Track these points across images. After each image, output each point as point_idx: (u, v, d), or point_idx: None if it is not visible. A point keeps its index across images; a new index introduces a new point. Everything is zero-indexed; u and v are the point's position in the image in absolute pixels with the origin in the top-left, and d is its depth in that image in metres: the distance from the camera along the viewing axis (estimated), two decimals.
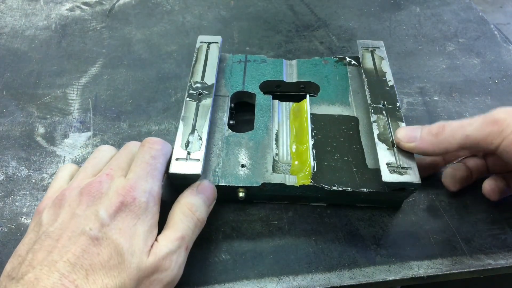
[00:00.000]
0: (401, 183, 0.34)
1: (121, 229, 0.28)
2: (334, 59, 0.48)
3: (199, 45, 0.47)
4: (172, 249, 0.30)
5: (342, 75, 0.46)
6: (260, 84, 0.45)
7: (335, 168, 0.37)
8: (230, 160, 0.38)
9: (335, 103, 0.43)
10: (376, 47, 0.47)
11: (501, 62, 0.54)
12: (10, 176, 0.41)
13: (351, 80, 0.45)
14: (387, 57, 0.46)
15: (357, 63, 0.47)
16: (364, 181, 0.36)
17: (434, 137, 0.34)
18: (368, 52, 0.46)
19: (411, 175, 0.34)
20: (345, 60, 0.48)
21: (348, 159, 0.38)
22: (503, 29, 1.52)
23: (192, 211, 0.32)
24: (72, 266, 0.26)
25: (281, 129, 0.42)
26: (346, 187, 0.35)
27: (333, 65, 0.47)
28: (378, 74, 0.44)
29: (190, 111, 0.39)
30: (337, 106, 0.43)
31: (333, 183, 0.36)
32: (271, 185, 0.36)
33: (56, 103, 0.48)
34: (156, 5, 0.63)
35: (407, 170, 0.34)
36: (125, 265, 0.27)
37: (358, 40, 0.48)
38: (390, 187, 0.35)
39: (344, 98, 0.44)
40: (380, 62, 0.45)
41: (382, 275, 0.34)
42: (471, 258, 0.35)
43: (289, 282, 0.33)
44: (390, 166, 0.35)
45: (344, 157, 0.38)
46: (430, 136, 0.35)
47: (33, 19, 0.60)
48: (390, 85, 0.42)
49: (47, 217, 0.30)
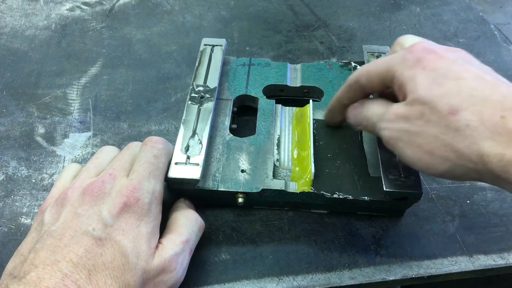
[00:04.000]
0: (402, 193, 0.34)
1: (124, 230, 0.28)
2: (339, 63, 0.47)
3: (203, 47, 0.46)
4: (177, 252, 0.30)
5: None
6: (263, 88, 0.44)
7: (336, 175, 0.37)
8: (230, 165, 0.37)
9: None
10: (382, 52, 0.46)
11: (501, 62, 0.54)
12: (10, 176, 0.41)
13: None
14: None
15: None
16: (366, 189, 0.36)
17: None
18: (374, 57, 0.45)
19: (414, 185, 0.34)
20: (350, 65, 0.47)
21: (350, 166, 0.37)
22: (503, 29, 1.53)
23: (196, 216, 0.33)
24: (74, 266, 0.26)
25: (283, 134, 0.41)
26: (347, 195, 0.35)
27: (338, 69, 0.47)
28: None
29: (191, 114, 0.39)
30: None
31: (334, 190, 0.35)
32: (270, 191, 0.36)
33: (56, 103, 0.48)
34: (156, 5, 0.63)
35: (409, 179, 0.34)
36: (129, 266, 0.27)
37: (363, 45, 0.47)
38: (392, 196, 0.34)
39: None
40: None
41: (382, 275, 0.34)
42: (471, 258, 0.35)
43: (289, 282, 0.33)
44: (392, 175, 0.34)
45: (346, 164, 0.37)
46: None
47: (33, 19, 0.60)
48: None
49: (49, 216, 0.30)
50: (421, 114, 0.27)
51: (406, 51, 0.30)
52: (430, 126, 0.27)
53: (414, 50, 0.29)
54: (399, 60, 0.30)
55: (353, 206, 0.37)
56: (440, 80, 0.27)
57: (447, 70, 0.27)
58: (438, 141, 0.26)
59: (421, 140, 0.27)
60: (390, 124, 0.29)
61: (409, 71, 0.29)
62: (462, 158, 0.25)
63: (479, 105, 0.25)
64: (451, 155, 0.26)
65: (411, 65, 0.29)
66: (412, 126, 0.28)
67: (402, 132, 0.28)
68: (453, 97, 0.26)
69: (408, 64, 0.29)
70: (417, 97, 0.27)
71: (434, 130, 0.26)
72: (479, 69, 0.28)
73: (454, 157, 0.26)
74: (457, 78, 0.27)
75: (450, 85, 0.27)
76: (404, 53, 0.30)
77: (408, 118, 0.28)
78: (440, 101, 0.26)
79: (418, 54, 0.29)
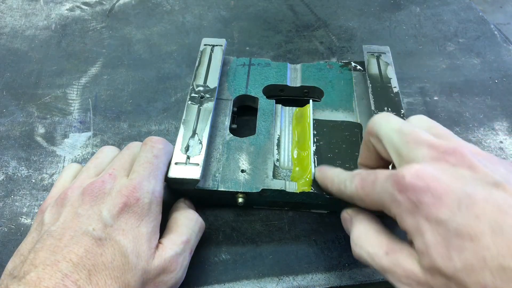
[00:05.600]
0: None
1: (124, 230, 0.28)
2: (339, 63, 0.47)
3: (203, 47, 0.46)
4: (178, 252, 0.30)
5: (346, 80, 0.45)
6: (263, 88, 0.44)
7: None
8: (230, 165, 0.37)
9: (338, 109, 0.43)
10: (382, 52, 0.46)
11: (501, 62, 0.54)
12: (10, 176, 0.41)
13: (356, 86, 0.45)
14: (393, 62, 0.45)
15: (362, 68, 0.46)
16: None
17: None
18: (374, 57, 0.45)
19: None
20: (350, 65, 0.47)
21: (350, 166, 0.37)
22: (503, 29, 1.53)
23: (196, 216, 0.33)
24: (74, 266, 0.26)
25: (283, 134, 0.41)
26: None
27: (338, 70, 0.46)
28: (383, 80, 0.43)
29: (191, 114, 0.39)
30: (340, 112, 0.42)
31: None
32: (270, 191, 0.36)
33: (56, 103, 0.48)
34: (156, 5, 0.63)
35: None
36: (129, 266, 0.27)
37: (363, 45, 0.47)
38: None
39: (348, 104, 0.43)
40: (385, 68, 0.44)
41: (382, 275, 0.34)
42: None
43: (289, 282, 0.33)
44: None
45: (346, 164, 0.37)
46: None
47: (33, 19, 0.60)
48: (395, 92, 0.42)
49: (49, 216, 0.30)
50: (447, 287, 0.22)
51: (394, 187, 0.24)
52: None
53: (404, 188, 0.23)
54: (391, 200, 0.24)
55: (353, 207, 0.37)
56: (455, 241, 0.21)
57: (456, 224, 0.21)
58: None
59: None
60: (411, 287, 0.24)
61: (411, 219, 0.23)
62: None
63: (510, 282, 0.20)
64: None
65: (410, 211, 0.23)
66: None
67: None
68: (481, 272, 0.20)
69: (404, 209, 0.23)
70: (436, 267, 0.22)
71: None
72: (489, 204, 0.21)
73: None
74: (472, 237, 0.21)
75: (469, 252, 0.21)
76: (393, 191, 0.24)
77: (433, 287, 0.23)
78: (468, 278, 0.21)
79: (411, 196, 0.23)
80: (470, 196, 0.22)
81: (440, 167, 0.23)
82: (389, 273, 0.25)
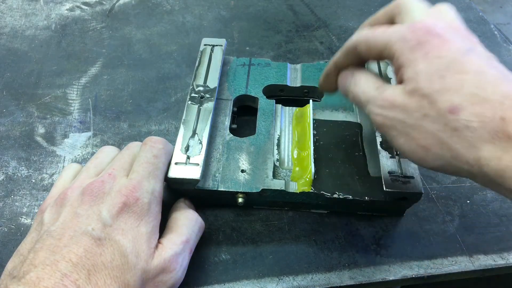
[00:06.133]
0: (402, 193, 0.34)
1: (123, 230, 0.28)
2: None
3: (203, 47, 0.46)
4: (177, 252, 0.30)
5: None
6: (263, 88, 0.44)
7: (336, 175, 0.37)
8: (230, 165, 0.37)
9: (338, 109, 0.43)
10: None
11: (501, 62, 0.54)
12: (10, 176, 0.41)
13: None
14: None
15: None
16: (366, 189, 0.36)
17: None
18: None
19: (413, 185, 0.34)
20: None
21: (350, 166, 0.37)
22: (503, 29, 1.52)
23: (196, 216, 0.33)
24: (74, 266, 0.26)
25: (283, 134, 0.41)
26: (347, 195, 0.35)
27: None
28: (383, 80, 0.43)
29: (191, 114, 0.39)
30: (340, 112, 0.42)
31: (334, 190, 0.35)
32: (270, 191, 0.36)
33: (56, 103, 0.48)
34: (156, 5, 0.63)
35: (409, 179, 0.34)
36: (129, 266, 0.27)
37: None
38: (392, 197, 0.34)
39: (348, 104, 0.43)
40: (385, 68, 0.44)
41: (382, 275, 0.34)
42: (471, 258, 0.35)
43: (289, 282, 0.33)
44: (392, 175, 0.34)
45: (346, 164, 0.37)
46: None
47: (33, 19, 0.60)
48: None
49: (48, 216, 0.30)
50: (420, 107, 0.26)
51: (408, 29, 0.28)
52: (428, 121, 0.26)
53: (417, 30, 0.27)
54: (399, 38, 0.28)
55: (353, 206, 0.37)
56: (442, 72, 0.26)
57: (450, 61, 0.26)
58: (435, 138, 0.26)
59: (417, 134, 0.26)
60: (384, 111, 0.28)
61: (410, 54, 0.27)
62: (458, 159, 0.25)
63: (480, 105, 0.24)
64: (447, 154, 0.25)
65: (412, 48, 0.27)
66: (409, 118, 0.27)
67: (397, 121, 0.27)
68: (454, 94, 0.25)
69: (409, 46, 0.27)
70: (417, 88, 0.26)
71: (431, 126, 0.26)
72: (483, 60, 0.27)
73: (449, 156, 0.25)
74: (459, 72, 0.25)
75: (452, 80, 0.25)
76: (405, 31, 0.28)
77: (405, 109, 0.27)
78: (441, 97, 0.25)
79: (420, 37, 0.27)
80: (469, 45, 0.27)
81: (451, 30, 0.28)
82: (371, 102, 0.29)
